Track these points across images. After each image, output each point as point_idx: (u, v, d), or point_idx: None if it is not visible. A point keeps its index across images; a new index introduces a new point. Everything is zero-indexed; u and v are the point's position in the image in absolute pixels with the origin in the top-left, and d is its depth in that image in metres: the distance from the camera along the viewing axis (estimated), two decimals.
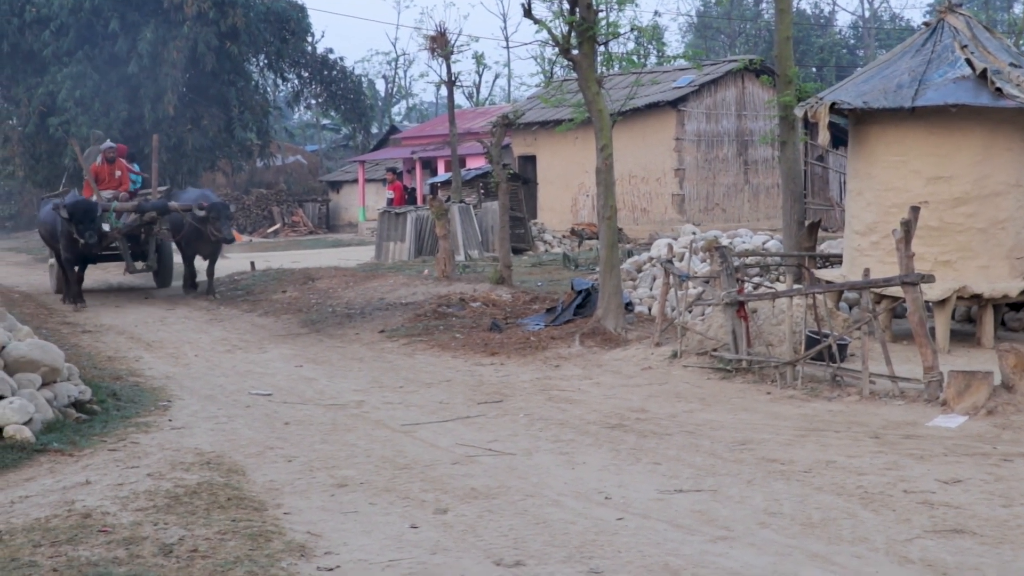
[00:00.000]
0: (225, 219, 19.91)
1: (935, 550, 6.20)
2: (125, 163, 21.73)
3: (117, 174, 21.06)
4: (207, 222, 19.58)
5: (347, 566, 6.09)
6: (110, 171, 20.96)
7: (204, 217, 19.54)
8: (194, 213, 19.60)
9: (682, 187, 32.31)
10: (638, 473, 8.03)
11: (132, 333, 16.10)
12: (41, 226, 21.35)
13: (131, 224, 20.02)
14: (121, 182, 21.03)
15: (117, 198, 20.18)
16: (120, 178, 21.08)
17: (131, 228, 20.04)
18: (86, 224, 18.52)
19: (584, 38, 13.82)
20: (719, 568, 5.97)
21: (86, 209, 18.77)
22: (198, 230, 19.90)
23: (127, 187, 21.07)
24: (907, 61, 13.04)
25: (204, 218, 19.55)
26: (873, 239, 13.12)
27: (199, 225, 19.71)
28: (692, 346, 12.45)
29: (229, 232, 20.06)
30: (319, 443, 9.10)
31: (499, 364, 12.90)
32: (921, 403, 9.87)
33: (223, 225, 19.77)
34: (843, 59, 58.42)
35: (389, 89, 72.51)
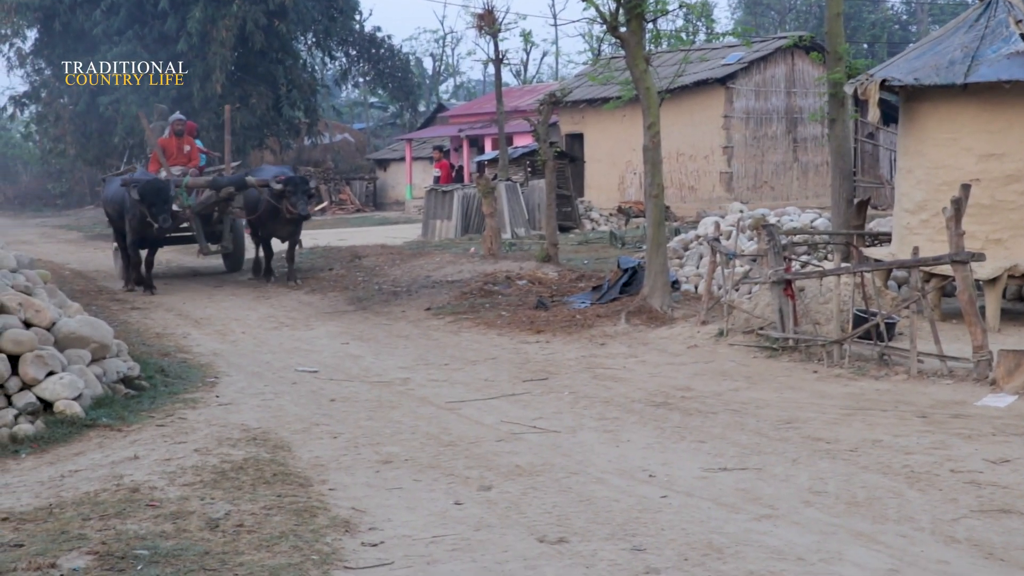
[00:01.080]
0: (302, 194, 18.39)
1: (981, 530, 6.15)
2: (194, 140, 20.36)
3: (186, 149, 19.69)
4: (283, 197, 18.18)
5: (391, 542, 6.13)
6: (178, 145, 19.61)
7: (280, 192, 18.12)
8: (271, 188, 18.14)
9: (730, 165, 32.10)
10: (682, 451, 8.02)
11: (180, 310, 16.23)
12: (108, 205, 19.86)
13: (205, 202, 18.75)
14: (190, 157, 19.65)
15: (187, 174, 18.90)
16: (189, 153, 19.70)
17: (205, 206, 18.81)
18: (159, 206, 17.08)
19: (632, 15, 13.74)
20: (762, 546, 5.96)
21: (159, 189, 17.30)
22: (276, 209, 18.37)
23: (196, 163, 19.69)
24: (960, 37, 12.86)
25: (280, 193, 18.13)
26: (923, 217, 12.97)
27: (276, 203, 18.26)
28: (738, 324, 12.39)
29: (305, 207, 18.50)
30: (364, 420, 9.15)
31: (544, 342, 12.90)
32: (970, 382, 9.78)
33: (299, 200, 18.26)
34: (895, 35, 57.71)
35: (436, 67, 72.53)
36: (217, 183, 18.54)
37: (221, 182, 18.56)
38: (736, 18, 62.75)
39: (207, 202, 18.64)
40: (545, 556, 5.88)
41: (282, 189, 18.05)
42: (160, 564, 5.74)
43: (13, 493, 7.16)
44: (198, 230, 18.99)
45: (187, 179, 18.40)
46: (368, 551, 5.98)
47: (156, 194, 17.08)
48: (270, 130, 38.26)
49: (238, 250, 20.77)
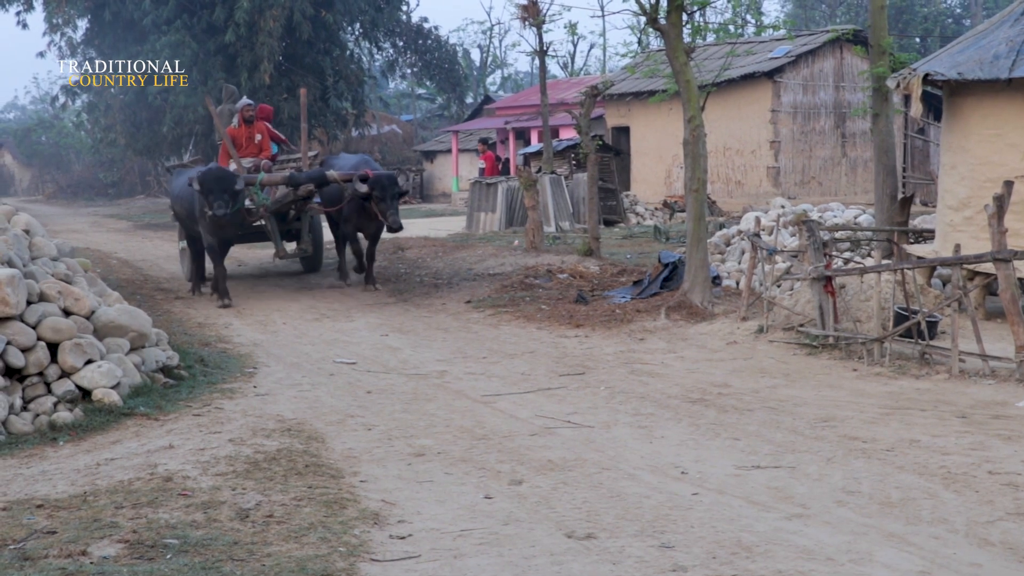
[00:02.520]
0: (392, 199, 16.04)
1: (1017, 533, 6.08)
2: (267, 126, 18.29)
3: (257, 138, 17.56)
4: (369, 200, 15.98)
5: (419, 535, 6.14)
6: (248, 134, 17.47)
7: (367, 194, 15.91)
8: (355, 187, 15.98)
9: (777, 159, 31.88)
10: (716, 448, 7.98)
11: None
12: (176, 203, 17.88)
13: (282, 200, 16.47)
14: (262, 147, 17.55)
15: (258, 167, 16.78)
16: (261, 143, 17.59)
17: (282, 205, 16.57)
18: (216, 193, 15.27)
19: (672, 7, 13.66)
20: (792, 546, 5.92)
21: (218, 177, 15.55)
22: (360, 203, 16.26)
23: (268, 153, 17.54)
24: (1005, 31, 12.68)
25: (367, 195, 15.92)
26: (966, 214, 12.81)
27: (362, 197, 16.12)
28: (778, 321, 12.30)
29: (397, 218, 16.08)
30: (399, 412, 9.18)
31: (583, 336, 12.87)
32: (1012, 383, 9.65)
33: (389, 208, 15.91)
34: (948, 29, 57.03)
35: (484, 59, 72.48)
36: (295, 179, 16.28)
37: (299, 179, 16.28)
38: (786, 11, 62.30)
39: (283, 200, 16.50)
40: (572, 552, 5.87)
41: (368, 192, 15.88)
42: (189, 553, 5.79)
43: (49, 480, 7.24)
44: (273, 230, 16.93)
45: (261, 176, 16.30)
46: (396, 544, 6.00)
47: (215, 182, 15.41)
48: (317, 121, 38.37)
49: (317, 250, 18.79)
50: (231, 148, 16.86)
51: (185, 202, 16.78)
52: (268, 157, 17.24)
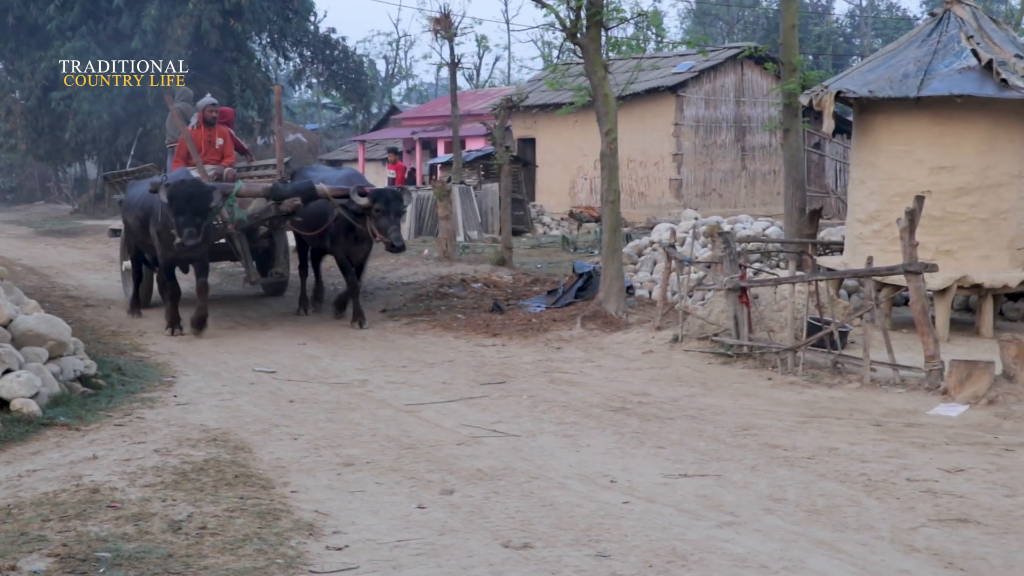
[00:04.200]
0: (396, 214, 13.89)
1: (940, 539, 6.23)
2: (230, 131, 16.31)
3: (219, 142, 15.49)
4: (367, 217, 13.78)
5: (356, 545, 6.12)
6: (208, 138, 15.37)
7: (365, 209, 13.71)
8: (353, 201, 13.68)
9: (680, 172, 32.35)
10: (642, 457, 8.07)
11: None
12: (130, 213, 15.05)
13: (261, 216, 14.33)
14: (224, 153, 15.46)
15: (221, 176, 14.83)
16: (223, 148, 15.49)
17: (259, 221, 14.51)
18: (188, 216, 12.92)
19: (591, 22, 13.81)
20: (726, 554, 6.00)
21: (194, 194, 13.09)
22: (349, 225, 14.03)
23: (232, 159, 15.58)
24: (913, 51, 13.05)
25: (364, 210, 13.74)
26: (875, 227, 13.15)
27: (352, 219, 13.87)
28: (693, 331, 12.48)
29: (400, 236, 13.96)
30: (324, 421, 9.13)
31: (501, 345, 12.93)
32: (922, 391, 9.91)
33: (391, 225, 13.72)
34: (840, 48, 58.33)
35: (389, 70, 72.35)
36: (278, 192, 14.03)
37: (283, 191, 14.03)
38: (685, 27, 63.20)
39: (263, 216, 14.35)
40: (511, 562, 5.89)
41: (369, 206, 13.68)
42: (123, 567, 5.69)
43: None
44: (244, 251, 14.60)
45: (239, 186, 14.11)
46: (333, 555, 5.97)
47: (188, 200, 12.99)
48: None
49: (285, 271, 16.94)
50: (194, 152, 14.76)
51: (141, 212, 14.36)
52: (230, 164, 15.49)
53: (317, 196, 13.99)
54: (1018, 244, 12.95)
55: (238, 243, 14.48)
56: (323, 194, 13.93)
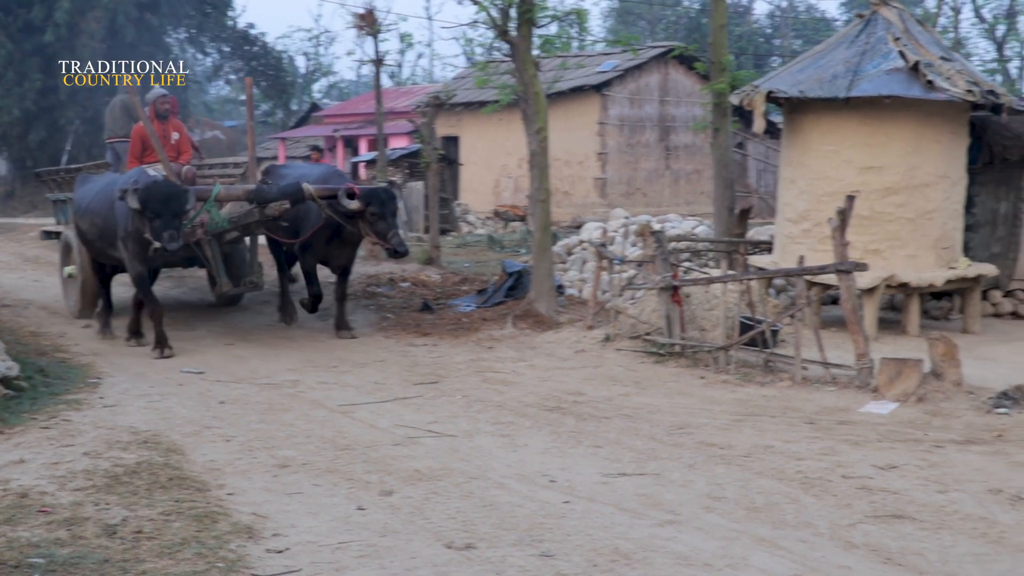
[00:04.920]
0: (392, 215, 12.76)
1: (878, 535, 6.29)
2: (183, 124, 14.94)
3: (174, 137, 14.13)
4: (360, 219, 12.67)
5: (296, 548, 6.03)
6: (163, 132, 13.89)
7: (358, 212, 12.56)
8: (341, 203, 12.58)
9: (604, 171, 32.45)
10: (580, 456, 8.05)
11: (54, 308, 15.68)
12: (83, 217, 13.44)
13: (242, 221, 12.90)
14: (180, 150, 14.15)
15: (179, 175, 13.31)
16: (178, 144, 14.16)
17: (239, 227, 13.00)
18: (166, 218, 11.77)
19: (522, 20, 13.78)
20: (669, 552, 6.00)
21: (169, 195, 11.91)
22: (336, 228, 13.00)
23: (189, 156, 14.34)
24: (842, 52, 13.20)
25: (356, 212, 12.58)
26: (805, 227, 13.28)
27: (342, 221, 12.77)
28: (625, 330, 12.51)
29: (400, 239, 12.74)
30: (256, 423, 9.00)
31: (432, 345, 12.86)
32: (852, 389, 10.02)
33: (390, 228, 12.63)
34: (760, 48, 58.92)
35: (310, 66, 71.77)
36: (262, 195, 12.66)
37: (268, 194, 12.68)
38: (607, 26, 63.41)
39: (243, 221, 12.90)
40: (455, 563, 5.84)
41: (362, 209, 12.57)
42: (57, 573, 5.56)
43: None
44: (216, 258, 13.04)
45: (218, 189, 12.73)
46: (274, 558, 5.88)
47: (163, 202, 11.84)
48: None
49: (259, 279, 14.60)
50: (159, 148, 13.25)
51: (100, 218, 12.94)
52: (187, 161, 14.14)
53: (305, 198, 12.70)
54: (943, 244, 13.16)
55: (208, 249, 12.85)
56: (311, 196, 12.67)
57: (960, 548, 6.09)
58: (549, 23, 14.58)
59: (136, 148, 13.86)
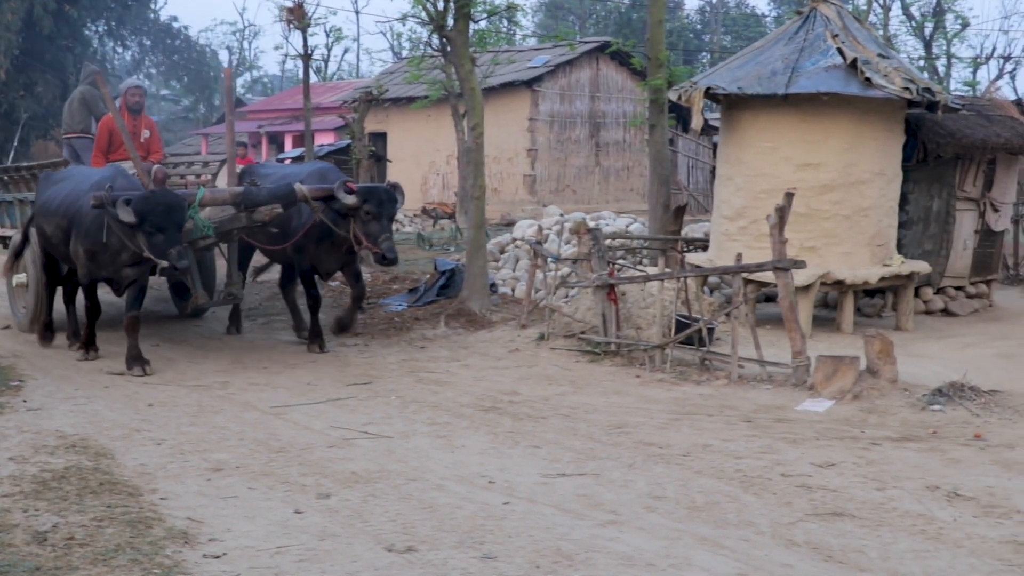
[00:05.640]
0: (389, 219, 11.58)
1: (818, 533, 6.29)
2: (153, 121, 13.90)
3: (145, 134, 13.24)
4: (353, 219, 11.49)
5: (234, 553, 5.89)
6: (133, 127, 12.99)
7: (350, 210, 11.44)
8: (340, 202, 11.38)
9: (534, 168, 32.43)
10: (518, 457, 7.98)
11: None
12: (48, 219, 11.89)
13: (228, 226, 11.73)
14: (150, 148, 13.18)
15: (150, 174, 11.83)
16: (148, 142, 13.22)
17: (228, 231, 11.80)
18: (171, 234, 10.50)
19: (459, 14, 13.68)
20: (611, 553, 5.95)
21: (171, 206, 10.57)
22: (326, 232, 11.80)
23: (160, 155, 13.33)
24: (780, 48, 13.25)
25: (349, 212, 11.46)
26: (741, 224, 13.31)
27: (334, 224, 11.58)
28: (559, 328, 12.46)
29: (391, 244, 11.51)
30: (187, 425, 8.82)
31: (363, 345, 12.71)
32: (789, 387, 10.05)
33: (384, 230, 11.48)
34: (691, 44, 59.34)
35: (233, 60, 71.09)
36: (251, 197, 11.52)
37: (258, 196, 11.53)
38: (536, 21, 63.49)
39: (230, 227, 11.76)
40: (396, 566, 5.74)
41: (357, 206, 11.42)
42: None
43: None
44: (192, 267, 11.86)
45: (202, 192, 11.44)
46: (211, 563, 5.73)
47: (166, 215, 10.51)
48: (57, 120, 36.88)
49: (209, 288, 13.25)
50: (129, 144, 12.06)
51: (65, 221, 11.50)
52: (158, 161, 13.08)
53: (297, 200, 11.54)
54: (878, 241, 13.26)
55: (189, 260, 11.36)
56: (304, 197, 11.47)
57: (900, 545, 6.10)
58: (486, 18, 14.47)
59: (103, 142, 13.03)
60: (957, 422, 8.89)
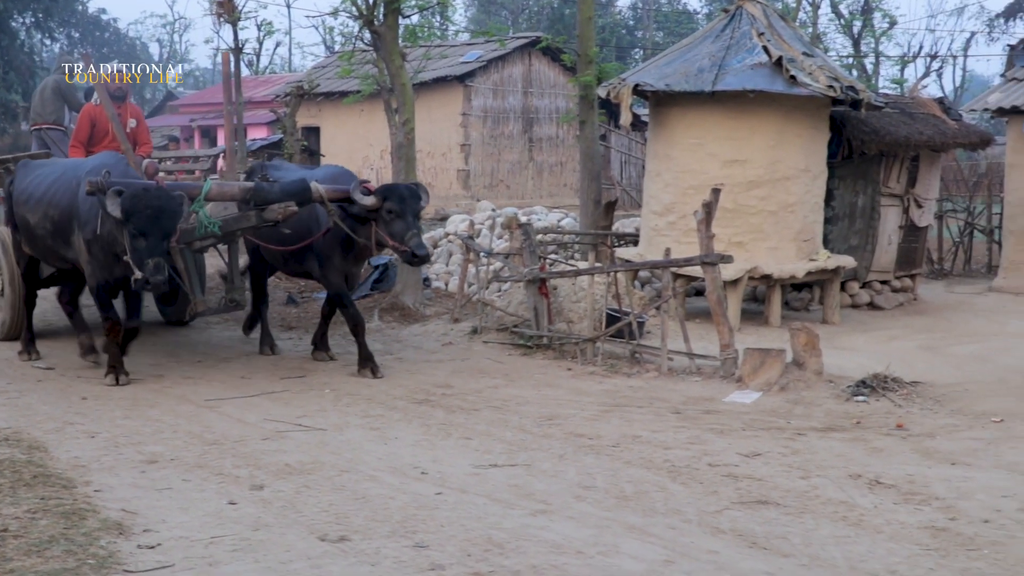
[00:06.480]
0: (415, 216, 10.57)
1: (744, 521, 6.44)
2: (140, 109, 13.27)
3: (131, 124, 12.39)
4: (374, 222, 10.49)
5: (168, 543, 5.93)
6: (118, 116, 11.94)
7: (370, 211, 10.44)
8: (357, 203, 10.42)
9: (467, 163, 32.48)
10: (451, 448, 8.09)
11: None
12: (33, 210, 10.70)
13: (236, 226, 10.64)
14: (139, 140, 12.41)
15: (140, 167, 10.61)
16: (136, 132, 12.44)
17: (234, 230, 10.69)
18: (155, 240, 9.35)
19: (388, 9, 13.73)
20: (542, 541, 6.06)
21: (162, 209, 9.41)
22: (343, 238, 10.74)
23: (149, 147, 12.60)
24: (707, 46, 13.46)
25: (370, 213, 10.46)
26: (670, 219, 13.51)
27: (351, 228, 10.56)
28: (492, 322, 12.58)
29: (421, 241, 10.55)
30: (121, 418, 8.83)
31: (297, 339, 12.75)
32: (718, 379, 10.25)
33: (411, 229, 10.43)
34: (623, 40, 59.64)
35: (163, 53, 70.42)
36: (263, 193, 10.54)
37: (270, 193, 10.54)
38: (469, 16, 63.49)
39: (239, 227, 10.71)
40: (329, 555, 5.82)
41: (377, 206, 10.44)
42: None
43: None
44: (190, 270, 10.92)
45: (208, 186, 10.47)
46: (146, 554, 5.78)
47: (156, 218, 9.38)
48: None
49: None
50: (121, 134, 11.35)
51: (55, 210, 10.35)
52: (147, 153, 12.24)
53: (313, 199, 10.54)
54: (804, 236, 13.51)
55: (179, 259, 10.53)
56: (320, 197, 10.51)
57: (822, 531, 6.27)
58: (415, 13, 14.54)
59: (83, 133, 12.22)
60: (880, 413, 9.13)
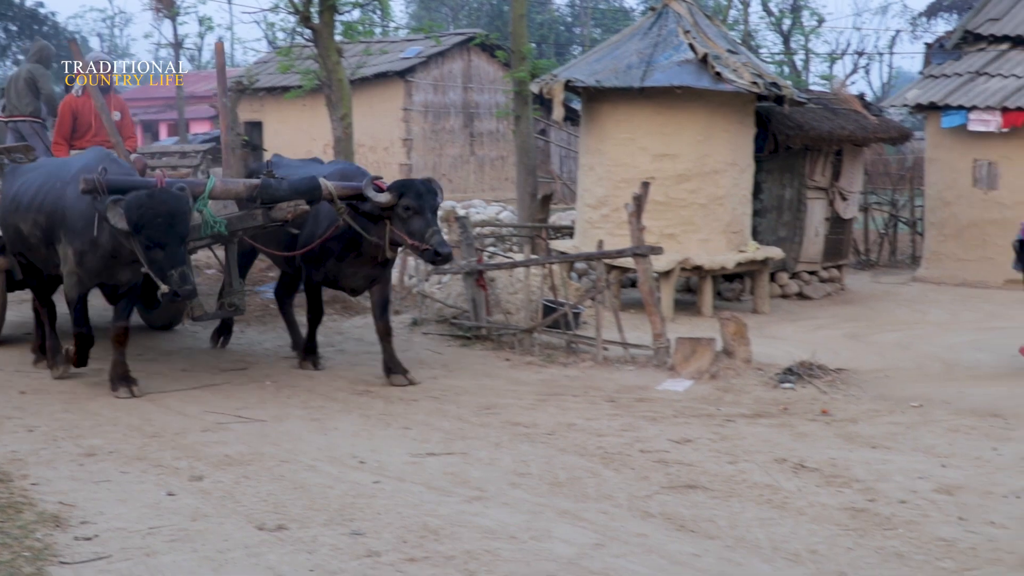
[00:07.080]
0: (433, 212, 9.85)
1: (673, 504, 6.63)
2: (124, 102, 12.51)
3: (116, 116, 11.69)
4: (390, 220, 9.81)
5: (105, 535, 6.02)
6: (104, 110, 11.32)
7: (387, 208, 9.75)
8: (368, 196, 9.74)
9: (410, 157, 32.54)
10: (389, 438, 8.21)
11: None
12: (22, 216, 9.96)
13: (243, 224, 9.91)
14: (123, 132, 11.76)
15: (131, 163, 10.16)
16: (121, 125, 11.79)
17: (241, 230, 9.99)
18: (173, 249, 8.57)
19: (324, 7, 13.81)
20: (476, 527, 6.21)
21: (175, 213, 8.61)
22: (353, 238, 10.05)
23: (135, 141, 12.19)
24: (636, 43, 13.67)
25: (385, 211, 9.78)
26: (603, 212, 13.70)
27: (363, 229, 9.87)
28: (431, 314, 12.71)
29: (442, 239, 9.73)
30: (60, 412, 8.86)
31: (239, 331, 12.76)
32: (651, 368, 10.46)
33: (429, 227, 9.70)
34: (561, 36, 59.81)
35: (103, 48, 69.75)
36: (271, 190, 9.74)
37: (278, 190, 9.75)
38: (410, 12, 63.39)
39: (245, 226, 9.98)
40: (266, 543, 5.93)
41: (393, 203, 9.76)
42: None
43: None
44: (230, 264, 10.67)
45: (212, 182, 9.64)
46: (83, 545, 5.86)
47: (170, 224, 8.59)
48: None
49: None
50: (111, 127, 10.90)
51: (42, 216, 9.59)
52: (134, 148, 11.81)
53: (323, 197, 9.84)
54: (733, 228, 13.76)
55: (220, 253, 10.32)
56: (330, 195, 9.82)
57: (748, 514, 6.47)
58: (352, 9, 14.62)
59: (65, 127, 11.76)
60: (806, 399, 9.37)
